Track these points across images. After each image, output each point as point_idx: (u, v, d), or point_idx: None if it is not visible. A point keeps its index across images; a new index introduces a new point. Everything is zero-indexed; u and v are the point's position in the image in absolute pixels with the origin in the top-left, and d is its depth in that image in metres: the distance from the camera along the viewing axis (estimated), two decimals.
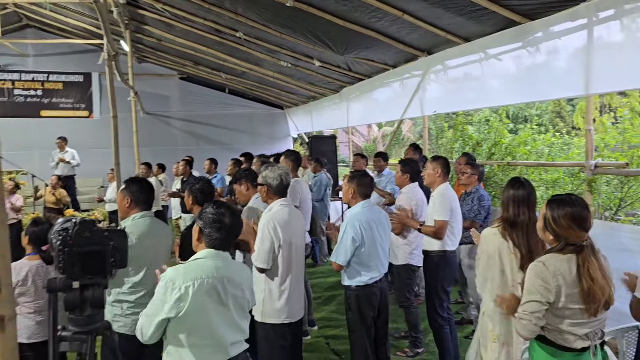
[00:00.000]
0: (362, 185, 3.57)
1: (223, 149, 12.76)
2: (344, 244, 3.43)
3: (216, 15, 7.49)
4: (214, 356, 2.22)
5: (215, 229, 2.28)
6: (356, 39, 6.86)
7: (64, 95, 13.24)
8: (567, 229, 2.20)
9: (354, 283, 3.50)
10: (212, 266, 2.24)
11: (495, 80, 5.90)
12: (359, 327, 3.52)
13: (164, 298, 2.12)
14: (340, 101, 10.35)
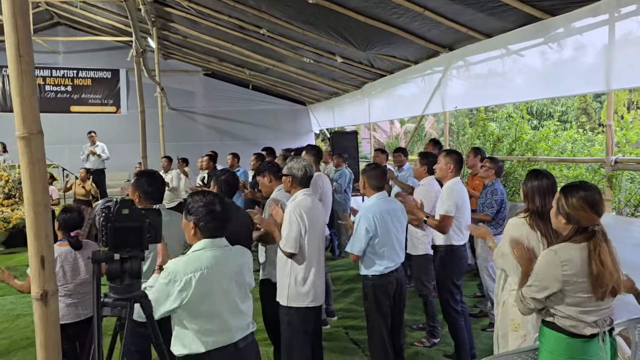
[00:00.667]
0: (372, 177, 3.67)
1: (246, 145, 12.94)
2: (358, 235, 3.55)
3: (240, 13, 7.64)
4: (218, 340, 2.34)
5: (209, 219, 2.38)
6: (378, 35, 6.93)
7: (93, 91, 13.62)
8: (580, 210, 2.25)
9: (370, 272, 3.61)
10: (211, 256, 2.35)
11: (517, 76, 5.90)
12: (375, 315, 3.62)
13: (168, 290, 2.23)
14: (362, 97, 10.42)
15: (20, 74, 1.73)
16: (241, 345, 2.41)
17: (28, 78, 1.74)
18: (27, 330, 5.34)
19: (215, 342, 2.33)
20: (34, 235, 1.76)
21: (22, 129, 1.78)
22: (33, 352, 4.69)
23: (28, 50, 1.74)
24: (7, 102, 13.01)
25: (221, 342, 2.35)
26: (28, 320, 5.64)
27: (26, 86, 1.74)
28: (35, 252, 1.76)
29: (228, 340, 2.37)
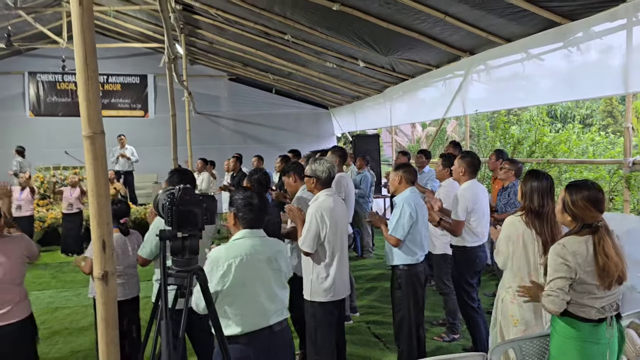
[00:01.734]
0: (408, 172, 4.01)
1: (270, 148, 13.20)
2: (402, 220, 3.79)
3: (266, 19, 7.89)
4: (256, 323, 2.55)
5: (247, 210, 2.62)
6: (399, 40, 7.10)
7: (122, 96, 14.08)
8: (584, 209, 2.43)
9: (404, 262, 3.84)
10: (250, 244, 2.59)
11: (537, 79, 6.02)
12: (406, 303, 3.82)
13: (211, 275, 2.47)
14: (384, 101, 10.59)
15: (87, 80, 1.98)
16: (276, 329, 2.63)
17: (93, 84, 1.99)
18: (65, 321, 5.65)
19: (253, 325, 2.54)
20: (97, 223, 2.00)
21: (88, 129, 2.01)
22: (72, 341, 5.02)
23: (93, 60, 1.99)
24: (42, 107, 13.55)
25: (258, 324, 2.55)
26: (65, 313, 5.97)
27: (92, 91, 1.99)
28: (97, 237, 2.00)
29: (264, 323, 2.58)
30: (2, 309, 2.99)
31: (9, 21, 9.84)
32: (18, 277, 3.11)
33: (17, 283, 3.10)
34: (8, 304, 3.02)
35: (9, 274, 3.03)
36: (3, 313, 2.99)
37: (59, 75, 13.41)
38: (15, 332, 3.03)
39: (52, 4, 11.06)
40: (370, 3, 6.15)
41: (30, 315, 3.20)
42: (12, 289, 3.06)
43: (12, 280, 3.05)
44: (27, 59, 13.44)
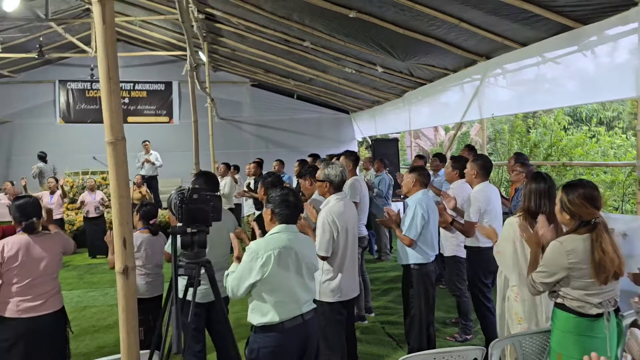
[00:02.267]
0: (423, 175, 4.15)
1: (291, 152, 13.38)
2: (415, 221, 3.93)
3: (286, 27, 8.09)
4: (291, 312, 2.74)
5: (284, 207, 2.82)
6: (416, 45, 7.21)
7: (148, 103, 14.48)
8: (581, 206, 2.54)
9: (416, 261, 3.97)
10: (286, 238, 2.78)
11: (552, 83, 6.05)
12: (417, 302, 3.95)
13: (251, 266, 2.65)
14: (403, 105, 10.69)
15: (110, 92, 2.16)
16: (307, 317, 2.82)
17: (115, 95, 2.17)
18: (93, 319, 5.91)
19: (288, 312, 2.72)
20: (119, 222, 2.18)
21: (110, 136, 2.19)
22: (98, 337, 5.26)
23: (115, 73, 2.17)
24: (72, 114, 14.03)
25: (292, 312, 2.74)
26: (92, 311, 6.23)
27: (114, 101, 2.17)
28: (119, 235, 2.18)
29: (297, 311, 2.76)
30: (39, 300, 3.23)
31: (41, 32, 10.28)
32: (55, 271, 3.37)
33: (53, 277, 3.35)
34: (45, 295, 3.26)
35: (48, 268, 3.28)
36: (40, 304, 3.23)
37: (88, 83, 13.89)
38: (50, 323, 3.27)
39: (81, 15, 11.49)
40: (386, 10, 6.27)
41: (62, 307, 3.44)
42: (49, 282, 3.31)
43: (49, 274, 3.30)
44: (58, 68, 13.96)
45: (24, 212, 3.29)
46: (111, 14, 2.17)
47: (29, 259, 3.22)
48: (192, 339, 3.51)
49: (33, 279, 3.24)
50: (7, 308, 3.20)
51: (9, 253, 3.17)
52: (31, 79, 13.81)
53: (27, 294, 3.22)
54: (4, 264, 3.16)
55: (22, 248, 3.21)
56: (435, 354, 2.57)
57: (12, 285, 3.19)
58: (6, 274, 3.18)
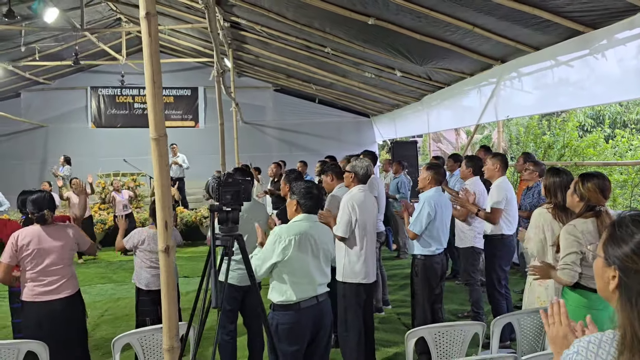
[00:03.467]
0: (438, 173, 4.41)
1: (313, 155, 13.67)
2: (420, 217, 4.21)
3: (307, 34, 8.43)
4: (306, 292, 3.06)
5: (308, 198, 3.15)
6: (433, 50, 7.46)
7: (175, 108, 15.00)
8: (591, 191, 2.89)
9: (421, 252, 4.26)
10: (307, 226, 3.12)
11: (565, 85, 6.25)
12: (422, 290, 4.23)
13: (274, 247, 3.00)
14: (422, 108, 10.92)
15: (154, 95, 2.51)
16: (321, 299, 3.14)
17: (159, 97, 2.52)
18: (126, 309, 6.31)
19: (304, 293, 3.05)
20: (161, 206, 2.52)
21: (154, 133, 2.53)
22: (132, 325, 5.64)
23: (159, 79, 2.52)
24: (103, 119, 14.63)
25: (308, 293, 3.06)
26: (126, 302, 6.64)
27: (157, 103, 2.52)
28: (161, 218, 2.52)
29: (312, 292, 3.08)
30: (54, 285, 3.54)
31: (75, 41, 10.85)
32: (67, 258, 3.65)
33: (66, 264, 3.65)
34: (58, 281, 3.56)
35: (59, 256, 3.58)
36: (53, 289, 3.54)
37: (118, 89, 14.47)
38: (65, 306, 3.56)
39: (112, 25, 12.06)
40: (402, 17, 6.55)
41: (78, 292, 3.74)
42: (62, 269, 3.60)
43: (61, 262, 3.59)
44: (89, 75, 14.60)
45: (37, 205, 3.58)
46: (156, 28, 2.53)
47: (41, 248, 3.51)
48: (227, 319, 3.88)
49: (46, 266, 3.52)
50: (25, 292, 3.53)
51: (22, 242, 3.48)
52: (65, 86, 14.48)
53: (41, 279, 3.52)
54: (18, 252, 3.47)
55: (34, 238, 3.51)
56: (438, 327, 2.85)
57: (27, 272, 3.50)
58: (21, 262, 3.50)
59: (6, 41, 10.26)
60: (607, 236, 1.25)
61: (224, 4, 8.29)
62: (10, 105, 13.77)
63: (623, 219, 1.23)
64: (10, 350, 2.95)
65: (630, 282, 1.16)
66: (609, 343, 1.24)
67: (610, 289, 1.22)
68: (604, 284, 1.26)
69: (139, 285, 4.64)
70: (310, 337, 3.10)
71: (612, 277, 1.22)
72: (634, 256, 1.16)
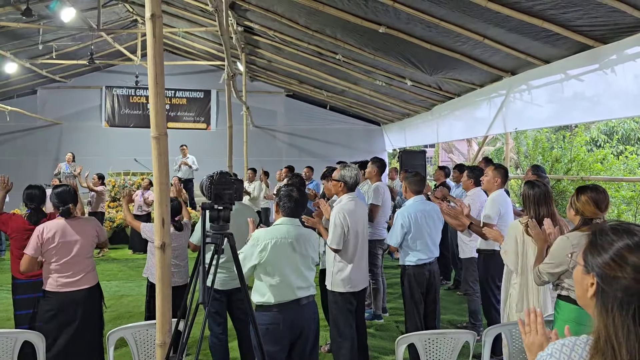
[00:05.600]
0: (412, 183, 4.36)
1: (323, 161, 13.66)
2: (395, 229, 4.25)
3: (319, 40, 8.50)
4: (285, 294, 3.09)
5: (287, 200, 3.19)
6: (443, 60, 7.48)
7: (187, 110, 15.14)
8: (585, 204, 2.87)
9: (405, 262, 4.27)
10: (285, 230, 3.15)
11: (577, 99, 6.23)
12: (409, 299, 4.24)
13: (252, 251, 3.07)
14: (432, 118, 10.93)
15: (156, 95, 2.57)
16: (303, 302, 3.16)
17: (160, 97, 2.58)
18: (129, 306, 6.38)
19: (282, 296, 3.08)
20: (159, 203, 2.58)
21: (155, 132, 2.59)
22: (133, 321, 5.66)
23: (161, 79, 2.58)
24: (116, 118, 14.82)
25: (286, 297, 3.09)
26: (129, 299, 6.70)
27: (159, 103, 2.58)
28: (158, 214, 2.57)
29: (292, 296, 3.11)
30: (77, 276, 3.65)
31: (92, 41, 11.02)
32: (89, 251, 3.76)
33: (87, 256, 3.75)
34: (80, 272, 3.66)
35: (82, 249, 3.67)
36: (76, 280, 3.64)
37: (132, 89, 14.65)
38: (86, 297, 3.67)
39: (128, 26, 12.24)
40: (413, 26, 6.59)
41: (97, 284, 3.84)
42: (84, 261, 3.70)
43: (84, 254, 3.69)
44: (105, 75, 14.81)
45: (61, 199, 3.68)
46: (160, 30, 2.58)
47: (65, 241, 3.61)
48: (213, 322, 3.92)
49: (70, 257, 3.61)
50: (48, 283, 3.62)
51: (47, 235, 3.57)
52: (80, 85, 14.68)
53: (65, 271, 3.61)
54: (43, 245, 3.56)
55: (58, 231, 3.60)
56: (429, 334, 2.86)
57: (51, 264, 3.60)
58: (46, 254, 3.59)
59: (24, 39, 10.45)
60: (587, 244, 1.28)
61: (237, 8, 8.39)
62: (27, 102, 14.01)
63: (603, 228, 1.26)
64: (8, 339, 3.01)
65: (607, 289, 1.18)
66: (582, 347, 1.27)
67: (589, 296, 1.25)
68: (583, 291, 1.28)
69: (152, 280, 4.68)
70: (290, 339, 3.12)
71: (590, 284, 1.24)
72: (613, 264, 1.18)
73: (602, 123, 14.20)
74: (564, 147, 8.30)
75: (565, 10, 4.93)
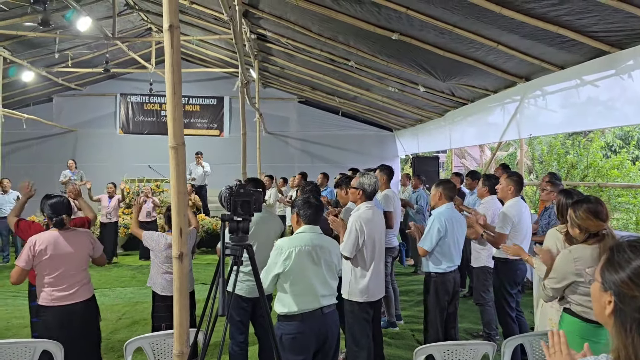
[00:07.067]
0: (447, 189, 4.34)
1: (335, 167, 13.67)
2: (430, 233, 4.17)
3: (331, 47, 8.51)
4: (309, 304, 3.08)
5: (306, 208, 3.19)
6: (456, 67, 7.45)
7: (200, 116, 15.24)
8: (586, 219, 2.77)
9: (433, 270, 4.22)
10: (308, 237, 3.15)
11: (593, 105, 6.16)
12: (434, 308, 4.18)
13: (276, 259, 3.06)
14: (445, 124, 10.89)
15: (174, 104, 2.58)
16: (326, 311, 3.15)
17: (178, 107, 2.59)
18: (144, 313, 6.39)
19: (306, 305, 3.06)
20: (176, 213, 2.59)
21: (173, 141, 2.60)
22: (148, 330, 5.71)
23: (179, 89, 2.60)
24: (130, 125, 14.95)
25: (310, 306, 3.07)
26: (144, 306, 6.72)
27: (177, 112, 2.59)
28: (176, 224, 2.58)
29: (316, 305, 3.09)
30: (71, 289, 3.56)
31: (107, 49, 11.16)
32: (83, 263, 3.68)
33: (82, 269, 3.67)
34: (75, 285, 3.59)
35: (76, 261, 3.60)
36: (71, 293, 3.56)
37: (146, 96, 14.79)
38: (82, 310, 3.59)
39: (142, 34, 12.37)
40: (426, 33, 6.57)
41: (93, 296, 3.76)
42: (79, 273, 3.63)
43: (78, 266, 3.62)
44: (119, 82, 14.97)
45: (55, 210, 3.60)
46: (178, 40, 2.60)
47: (58, 253, 3.53)
48: (236, 330, 3.90)
49: (63, 270, 3.53)
50: (42, 297, 3.54)
51: (39, 247, 3.49)
52: (95, 92, 14.86)
53: (59, 284, 3.53)
54: (35, 257, 3.49)
55: (51, 243, 3.52)
56: (448, 345, 2.83)
57: (44, 277, 3.52)
58: (38, 267, 3.52)
59: (41, 48, 10.61)
60: (604, 261, 1.26)
61: (250, 16, 8.44)
62: (43, 110, 14.20)
63: (621, 244, 1.23)
64: (27, 348, 3.03)
65: (625, 308, 1.16)
66: None
67: (606, 314, 1.23)
68: (601, 309, 1.26)
69: (155, 290, 4.71)
70: (315, 348, 3.11)
71: (608, 302, 1.22)
72: (630, 282, 1.16)
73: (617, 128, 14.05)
74: (580, 153, 8.21)
75: (581, 16, 4.89)
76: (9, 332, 5.66)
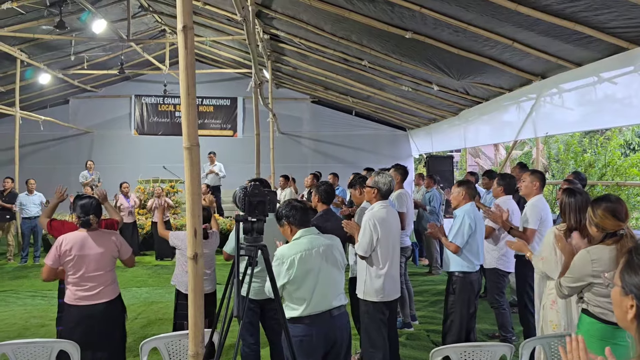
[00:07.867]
0: (470, 188, 4.40)
1: (349, 167, 13.66)
2: (462, 229, 4.18)
3: (344, 47, 8.49)
4: (316, 306, 3.06)
5: (293, 212, 3.17)
6: (471, 65, 7.38)
7: (214, 117, 15.32)
8: (604, 218, 2.71)
9: (459, 269, 4.20)
10: (307, 241, 3.12)
11: (611, 102, 6.07)
12: (458, 307, 4.17)
13: (278, 270, 3.03)
14: (459, 123, 10.79)
15: (188, 105, 2.58)
16: (335, 313, 3.13)
17: (192, 108, 2.59)
18: (159, 313, 6.45)
19: (315, 307, 3.05)
20: (191, 214, 2.58)
21: (187, 142, 2.60)
22: (164, 329, 5.79)
23: (193, 91, 2.60)
24: (145, 126, 15.07)
25: (318, 308, 3.06)
26: (159, 306, 6.78)
27: (191, 114, 2.59)
28: (190, 226, 2.58)
29: (326, 307, 3.08)
30: (94, 290, 3.59)
31: (122, 51, 11.26)
32: (108, 265, 3.70)
33: (107, 270, 3.69)
34: (98, 286, 3.61)
35: (101, 262, 3.63)
36: (94, 294, 3.58)
37: (160, 98, 14.90)
38: (104, 311, 3.61)
39: (157, 36, 12.46)
40: (440, 31, 6.52)
41: (119, 296, 3.79)
42: (104, 275, 3.65)
43: (103, 267, 3.64)
44: (134, 84, 15.11)
45: (83, 210, 3.64)
46: (192, 41, 2.61)
47: (82, 254, 3.56)
48: (246, 331, 3.90)
49: (86, 271, 3.57)
50: (67, 295, 3.59)
51: (65, 247, 3.53)
52: (110, 94, 15.01)
53: (82, 284, 3.57)
54: (61, 257, 3.54)
55: (76, 243, 3.56)
56: (465, 347, 2.80)
57: (69, 276, 3.57)
58: (65, 266, 3.56)
59: (57, 50, 10.74)
60: (623, 264, 1.22)
61: (263, 16, 8.45)
62: (59, 112, 14.37)
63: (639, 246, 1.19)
64: (45, 348, 3.06)
65: None
66: None
67: (629, 319, 1.19)
68: (622, 313, 1.22)
69: (179, 288, 4.73)
70: (324, 350, 3.09)
71: (630, 306, 1.18)
72: None
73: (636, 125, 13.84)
74: (598, 151, 8.08)
75: (598, 12, 4.81)
76: (27, 332, 5.73)
